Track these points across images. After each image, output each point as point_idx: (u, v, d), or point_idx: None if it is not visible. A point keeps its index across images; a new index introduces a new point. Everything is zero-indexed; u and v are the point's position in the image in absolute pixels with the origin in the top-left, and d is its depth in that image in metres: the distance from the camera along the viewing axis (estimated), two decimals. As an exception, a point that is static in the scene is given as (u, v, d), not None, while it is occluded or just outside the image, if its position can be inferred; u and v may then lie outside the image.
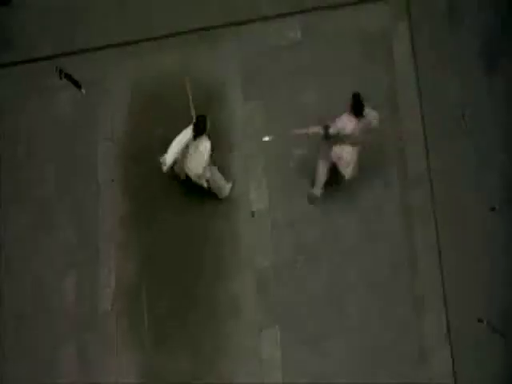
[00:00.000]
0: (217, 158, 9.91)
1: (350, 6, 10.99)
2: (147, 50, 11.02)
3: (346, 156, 9.41)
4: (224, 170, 10.15)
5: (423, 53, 10.60)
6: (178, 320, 9.93)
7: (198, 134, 9.35)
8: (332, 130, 9.13)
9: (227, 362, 9.74)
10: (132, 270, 10.21)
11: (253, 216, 10.21)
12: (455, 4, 10.76)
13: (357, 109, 9.04)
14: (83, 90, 10.86)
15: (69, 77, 10.82)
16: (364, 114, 9.09)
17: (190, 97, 9.65)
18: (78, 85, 10.84)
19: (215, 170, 9.89)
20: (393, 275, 9.83)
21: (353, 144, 9.36)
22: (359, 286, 9.81)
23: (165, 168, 9.61)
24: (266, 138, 9.92)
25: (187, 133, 9.41)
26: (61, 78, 10.84)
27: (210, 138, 9.42)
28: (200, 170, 9.47)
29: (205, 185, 9.71)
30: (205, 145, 9.38)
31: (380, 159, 10.24)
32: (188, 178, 9.76)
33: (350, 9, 10.98)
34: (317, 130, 9.23)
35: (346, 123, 9.11)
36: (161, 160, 9.61)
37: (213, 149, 9.46)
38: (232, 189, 10.25)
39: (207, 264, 10.10)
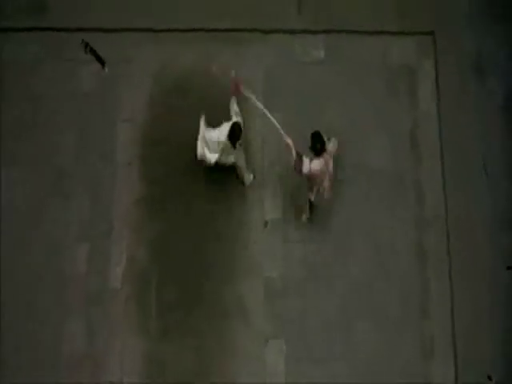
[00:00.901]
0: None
1: (375, 34, 11.02)
2: (174, 41, 10.91)
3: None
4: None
5: (447, 94, 10.74)
6: (185, 312, 9.93)
7: (235, 140, 9.59)
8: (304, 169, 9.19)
9: (230, 360, 9.78)
10: (143, 254, 10.15)
11: (265, 226, 10.20)
12: (483, 53, 10.94)
13: (315, 149, 9.16)
14: (106, 68, 10.66)
15: (93, 52, 10.59)
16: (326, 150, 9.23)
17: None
18: (101, 62, 10.59)
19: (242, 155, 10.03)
20: (403, 315, 9.97)
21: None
22: (368, 317, 9.92)
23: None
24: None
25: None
26: (86, 52, 10.56)
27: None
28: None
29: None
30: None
31: (397, 195, 10.38)
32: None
33: (375, 38, 11.01)
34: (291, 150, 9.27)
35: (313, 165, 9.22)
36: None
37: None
38: (252, 183, 10.33)
39: (217, 260, 10.13)
